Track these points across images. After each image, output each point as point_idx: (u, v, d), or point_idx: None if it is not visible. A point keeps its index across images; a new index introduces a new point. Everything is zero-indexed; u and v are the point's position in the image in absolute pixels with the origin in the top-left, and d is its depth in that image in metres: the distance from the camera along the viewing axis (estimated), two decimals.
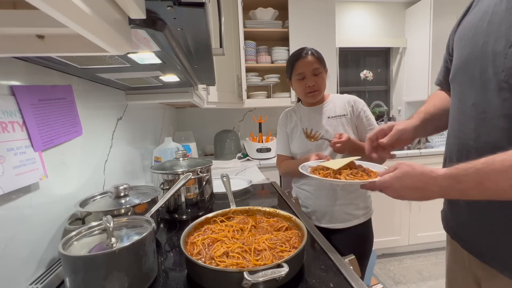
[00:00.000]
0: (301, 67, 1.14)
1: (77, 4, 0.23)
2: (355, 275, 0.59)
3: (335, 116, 1.19)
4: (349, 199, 1.16)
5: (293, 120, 1.30)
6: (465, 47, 0.64)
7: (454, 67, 0.68)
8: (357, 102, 1.19)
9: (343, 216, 1.16)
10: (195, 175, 0.97)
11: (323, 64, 1.17)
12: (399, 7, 2.85)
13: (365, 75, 2.93)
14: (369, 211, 1.21)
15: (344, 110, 1.18)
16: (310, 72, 1.13)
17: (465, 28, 0.66)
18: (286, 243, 0.65)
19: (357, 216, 1.17)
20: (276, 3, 2.35)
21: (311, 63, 1.13)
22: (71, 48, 0.40)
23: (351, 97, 1.21)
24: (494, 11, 0.56)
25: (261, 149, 2.21)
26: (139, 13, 0.33)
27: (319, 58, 1.15)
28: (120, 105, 1.15)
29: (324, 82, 1.17)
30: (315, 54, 1.15)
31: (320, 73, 1.15)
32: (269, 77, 2.46)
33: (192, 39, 0.57)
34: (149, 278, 0.57)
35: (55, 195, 0.69)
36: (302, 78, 1.16)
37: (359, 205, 1.17)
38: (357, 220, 1.16)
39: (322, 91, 1.18)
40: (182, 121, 2.57)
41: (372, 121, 1.18)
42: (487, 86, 0.56)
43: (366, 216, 1.19)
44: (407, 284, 1.99)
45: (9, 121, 0.54)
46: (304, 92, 1.17)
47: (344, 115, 1.18)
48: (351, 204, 1.16)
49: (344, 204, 1.16)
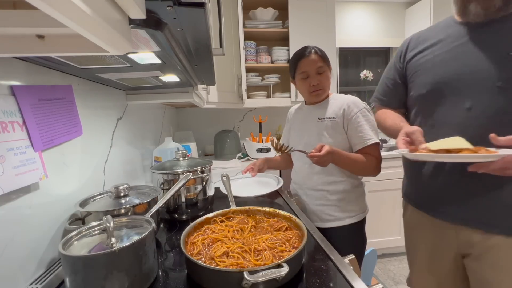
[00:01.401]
0: (305, 66, 1.11)
1: (77, 4, 0.23)
2: (355, 275, 0.59)
3: (323, 118, 1.13)
4: (332, 201, 1.11)
5: (291, 119, 1.33)
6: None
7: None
8: (352, 105, 1.09)
9: (323, 216, 1.13)
10: (195, 175, 0.97)
11: (327, 62, 1.13)
12: (399, 7, 2.85)
13: (365, 75, 2.93)
14: (357, 213, 1.13)
15: (335, 113, 1.11)
16: (314, 71, 1.10)
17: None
18: (286, 243, 0.65)
19: (339, 218, 1.11)
20: (276, 3, 2.35)
21: (315, 62, 1.10)
22: (71, 48, 0.40)
23: (350, 99, 1.12)
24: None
25: (261, 149, 2.21)
26: (139, 13, 0.33)
27: (322, 56, 1.12)
28: (120, 105, 1.15)
29: (328, 81, 1.14)
30: (319, 52, 1.11)
31: (324, 72, 1.11)
32: (269, 77, 2.46)
33: (192, 39, 0.57)
34: (149, 278, 0.57)
35: (55, 195, 0.69)
36: (306, 77, 1.13)
37: (343, 207, 1.11)
38: (340, 222, 1.11)
39: (326, 90, 1.15)
40: (182, 121, 2.57)
41: (363, 128, 1.06)
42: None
43: (352, 218, 1.12)
44: (407, 284, 1.99)
45: (9, 121, 0.54)
46: (308, 91, 1.14)
47: (332, 118, 1.11)
48: (334, 205, 1.11)
49: (324, 204, 1.13)
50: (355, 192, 1.14)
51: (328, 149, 0.96)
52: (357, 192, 1.15)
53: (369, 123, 1.07)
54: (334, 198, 1.12)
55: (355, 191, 1.14)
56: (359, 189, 1.17)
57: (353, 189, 1.13)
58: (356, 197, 1.14)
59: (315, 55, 1.10)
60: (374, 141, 1.05)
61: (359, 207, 1.15)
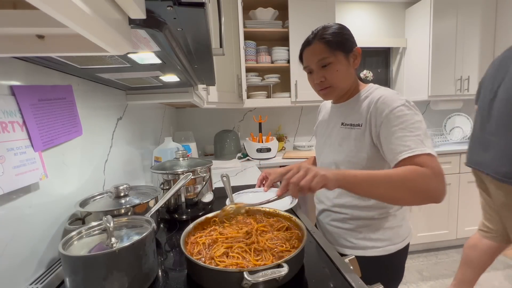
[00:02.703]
0: (306, 59, 0.87)
1: (77, 4, 0.23)
2: (355, 275, 0.59)
3: (348, 125, 0.85)
4: (351, 224, 0.87)
5: (320, 116, 1.07)
6: None
7: None
8: (382, 106, 0.75)
9: (340, 240, 0.90)
10: (195, 175, 0.97)
11: (339, 48, 0.81)
12: (399, 7, 2.85)
13: (365, 75, 2.93)
14: (388, 244, 0.84)
15: (362, 117, 0.81)
16: (316, 64, 0.84)
17: None
18: (286, 243, 0.65)
19: (361, 246, 0.85)
20: (276, 3, 2.35)
21: (316, 53, 0.83)
22: (71, 48, 0.40)
23: (381, 96, 0.77)
24: None
25: (261, 149, 2.21)
26: (139, 13, 0.33)
27: (330, 42, 0.81)
28: (120, 105, 1.15)
29: (339, 75, 0.83)
30: (326, 36, 0.81)
31: (330, 64, 0.82)
32: (269, 77, 2.46)
33: (192, 39, 0.57)
34: (149, 278, 0.57)
35: (55, 195, 0.69)
36: (309, 72, 0.89)
37: (366, 235, 0.85)
38: (361, 251, 0.84)
39: (338, 87, 0.85)
40: (182, 121, 2.57)
41: (395, 136, 0.70)
42: None
43: (378, 250, 0.84)
44: (407, 284, 1.99)
45: (9, 121, 0.54)
46: (316, 90, 0.90)
47: (358, 125, 0.81)
48: (353, 231, 0.87)
49: (340, 228, 0.90)
50: (385, 218, 0.85)
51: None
52: (389, 217, 0.85)
53: (408, 127, 0.70)
54: (354, 223, 0.86)
55: (386, 217, 0.85)
56: (393, 212, 0.85)
57: (383, 214, 0.84)
58: (388, 223, 0.85)
59: (318, 42, 0.82)
60: (414, 153, 0.66)
61: (391, 235, 0.85)
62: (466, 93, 2.63)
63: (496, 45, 2.64)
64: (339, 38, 0.82)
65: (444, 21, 2.49)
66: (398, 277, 0.89)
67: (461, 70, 2.61)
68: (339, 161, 0.87)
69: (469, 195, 2.39)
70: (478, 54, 2.62)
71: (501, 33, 2.59)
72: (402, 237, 0.86)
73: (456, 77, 2.61)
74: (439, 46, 2.53)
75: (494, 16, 2.61)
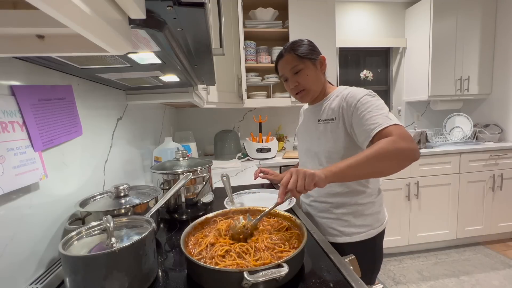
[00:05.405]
0: (281, 69, 1.02)
1: (77, 4, 0.23)
2: (355, 275, 0.59)
3: (324, 120, 0.97)
4: (336, 214, 0.98)
5: (300, 119, 1.20)
6: None
7: None
8: (350, 99, 0.88)
9: (329, 230, 0.99)
10: (195, 175, 0.97)
11: (306, 57, 0.96)
12: (399, 7, 2.85)
13: (365, 75, 2.93)
14: (368, 229, 0.97)
15: (334, 112, 0.93)
16: (289, 72, 0.98)
17: None
18: (286, 243, 0.65)
19: (347, 233, 0.96)
20: (276, 3, 2.35)
21: (288, 62, 0.97)
22: (71, 48, 0.40)
23: (349, 93, 0.91)
24: None
25: (261, 149, 2.21)
26: (139, 13, 0.33)
27: (298, 52, 0.96)
28: (120, 105, 1.15)
29: (309, 79, 0.97)
30: (294, 49, 0.96)
31: (301, 70, 0.96)
32: (269, 77, 2.46)
33: (192, 39, 0.57)
34: (149, 278, 0.57)
35: (55, 195, 0.69)
36: (285, 80, 1.03)
37: (351, 222, 0.96)
38: (347, 238, 0.96)
39: (311, 89, 0.98)
40: (182, 121, 2.57)
41: (365, 118, 0.82)
42: None
43: (361, 235, 0.96)
44: (407, 284, 1.99)
45: (9, 121, 0.54)
46: (293, 94, 1.03)
47: (332, 119, 0.94)
48: (339, 219, 0.97)
49: (328, 218, 1.00)
50: (365, 205, 0.97)
51: (298, 169, 0.72)
52: (368, 204, 0.97)
53: (374, 109, 0.82)
54: (339, 212, 0.98)
55: (365, 204, 0.97)
56: (372, 199, 0.98)
57: (364, 200, 0.97)
58: (368, 210, 0.97)
59: (288, 55, 0.97)
60: (383, 126, 0.78)
61: (371, 221, 0.98)
62: (466, 93, 2.63)
63: (496, 45, 2.64)
64: (305, 49, 0.97)
65: (444, 21, 2.49)
66: (380, 255, 1.03)
67: (461, 70, 2.61)
68: (319, 152, 0.99)
69: (469, 195, 2.39)
70: (478, 54, 2.62)
71: (501, 33, 2.59)
72: (381, 221, 1.00)
73: (456, 77, 2.61)
74: (439, 46, 2.53)
75: (494, 16, 2.61)
